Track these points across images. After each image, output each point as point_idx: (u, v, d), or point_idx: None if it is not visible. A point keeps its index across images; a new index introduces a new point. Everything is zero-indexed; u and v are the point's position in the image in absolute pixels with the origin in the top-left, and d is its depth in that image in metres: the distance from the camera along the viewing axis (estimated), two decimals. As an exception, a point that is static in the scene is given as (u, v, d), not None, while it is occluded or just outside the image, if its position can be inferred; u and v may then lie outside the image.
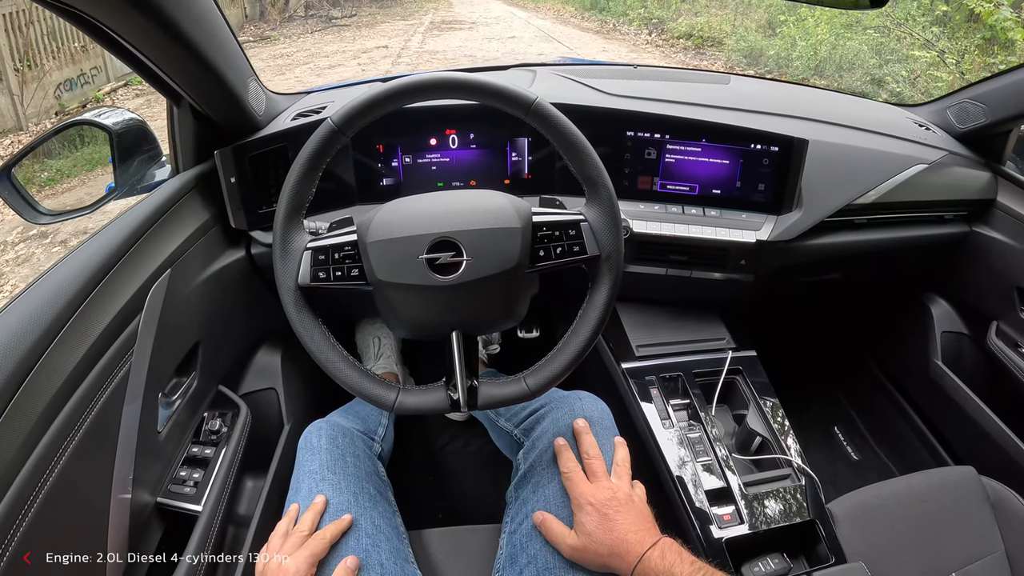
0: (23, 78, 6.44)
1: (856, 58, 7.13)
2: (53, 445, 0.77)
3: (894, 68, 6.69)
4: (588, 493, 0.90)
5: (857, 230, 1.38)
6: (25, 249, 4.16)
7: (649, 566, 0.81)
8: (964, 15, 6.16)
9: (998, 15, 5.05)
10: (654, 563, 0.81)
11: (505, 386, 0.87)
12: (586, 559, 0.87)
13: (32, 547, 0.73)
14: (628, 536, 0.84)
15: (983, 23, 5.39)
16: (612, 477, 0.94)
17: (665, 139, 1.27)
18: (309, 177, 0.85)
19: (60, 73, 7.04)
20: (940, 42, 6.25)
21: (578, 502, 0.90)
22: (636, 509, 0.89)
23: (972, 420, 1.49)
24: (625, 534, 0.84)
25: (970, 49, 5.92)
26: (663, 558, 0.81)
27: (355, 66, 9.21)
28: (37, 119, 6.55)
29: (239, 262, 1.24)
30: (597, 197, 0.87)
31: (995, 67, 5.46)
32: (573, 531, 0.89)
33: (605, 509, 0.87)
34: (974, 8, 5.31)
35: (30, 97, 6.51)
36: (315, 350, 0.85)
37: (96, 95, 7.39)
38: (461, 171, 1.31)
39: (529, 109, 0.85)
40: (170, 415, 1.06)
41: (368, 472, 1.07)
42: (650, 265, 1.32)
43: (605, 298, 0.87)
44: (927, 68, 6.31)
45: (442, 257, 0.81)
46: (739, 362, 1.32)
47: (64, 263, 0.89)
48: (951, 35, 6.32)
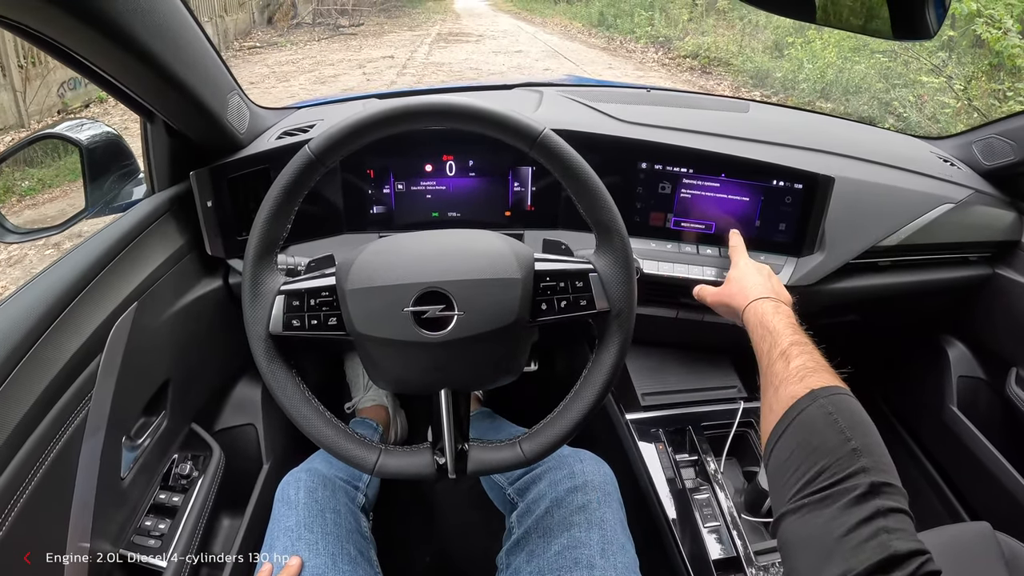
0: (26, 75, 6.42)
1: (863, 81, 7.12)
2: (5, 493, 0.71)
3: (901, 92, 6.68)
4: (747, 257, 1.10)
5: (880, 273, 1.31)
6: (18, 251, 4.09)
7: (759, 306, 0.94)
8: (970, 40, 6.14)
9: (1006, 41, 5.01)
10: (763, 306, 0.93)
11: (498, 451, 0.79)
12: (717, 298, 1.05)
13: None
14: (758, 286, 0.99)
15: (990, 49, 5.35)
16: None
17: (681, 172, 1.18)
18: (284, 212, 0.77)
19: (64, 71, 6.99)
20: (947, 67, 6.23)
21: (737, 260, 1.09)
22: (774, 282, 1.03)
23: (987, 470, 1.42)
24: (756, 283, 1.00)
25: (977, 75, 5.90)
26: (775, 306, 0.93)
27: (360, 75, 9.20)
28: (39, 116, 6.53)
29: (215, 292, 1.16)
30: (609, 245, 0.78)
31: (1001, 94, 5.45)
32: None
33: (756, 268, 1.05)
34: (981, 34, 5.27)
35: (33, 94, 6.49)
36: (287, 405, 0.77)
37: (100, 95, 7.32)
38: (458, 201, 1.22)
39: (535, 143, 0.76)
40: (136, 459, 0.98)
41: (349, 530, 1.00)
42: (660, 307, 1.25)
43: (614, 359, 0.78)
44: (935, 93, 6.29)
45: (430, 311, 0.72)
46: (750, 414, 1.24)
47: (21, 293, 0.81)
48: (958, 61, 6.31)
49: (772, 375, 0.79)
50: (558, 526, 0.93)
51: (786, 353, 0.80)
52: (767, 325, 0.88)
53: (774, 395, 0.75)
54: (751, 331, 0.92)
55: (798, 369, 0.76)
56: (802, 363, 0.77)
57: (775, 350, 0.82)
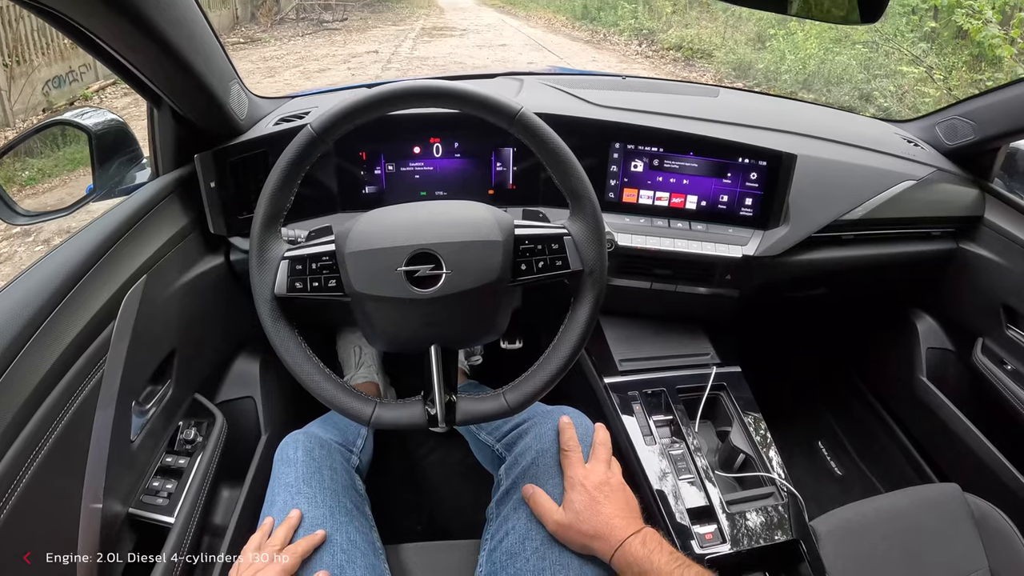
0: (11, 73, 6.39)
1: (845, 72, 7.19)
2: (23, 452, 0.75)
3: (882, 83, 6.75)
4: (582, 475, 0.93)
5: (844, 246, 1.37)
6: (8, 248, 4.11)
7: (630, 551, 0.83)
8: (952, 32, 6.23)
9: (986, 32, 5.09)
10: (635, 549, 0.83)
11: (484, 402, 0.85)
12: (569, 536, 0.89)
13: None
14: (614, 521, 0.87)
15: (971, 40, 5.44)
16: (591, 459, 0.97)
17: (652, 151, 1.26)
18: (288, 185, 0.84)
19: (49, 69, 6.99)
20: (928, 58, 6.31)
21: (571, 481, 0.92)
22: (625, 497, 0.92)
23: (956, 436, 1.49)
24: (611, 518, 0.87)
25: (958, 66, 5.99)
26: (644, 545, 0.83)
27: (345, 70, 9.20)
28: (24, 115, 6.49)
29: (217, 268, 1.22)
30: (581, 211, 0.85)
31: (983, 84, 5.52)
32: (561, 508, 0.91)
33: (596, 492, 0.90)
34: (962, 25, 5.36)
35: (18, 93, 6.46)
36: (291, 362, 0.83)
37: (84, 93, 7.31)
38: (445, 180, 1.30)
39: (514, 120, 0.83)
40: (144, 424, 1.04)
41: (345, 485, 1.05)
42: (635, 279, 1.31)
43: (587, 314, 0.85)
44: (915, 84, 6.37)
45: (421, 270, 0.79)
46: (723, 378, 1.30)
47: (37, 268, 0.87)
48: (939, 51, 6.39)
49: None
50: (544, 474, 0.98)
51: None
52: (648, 571, 0.82)
53: None
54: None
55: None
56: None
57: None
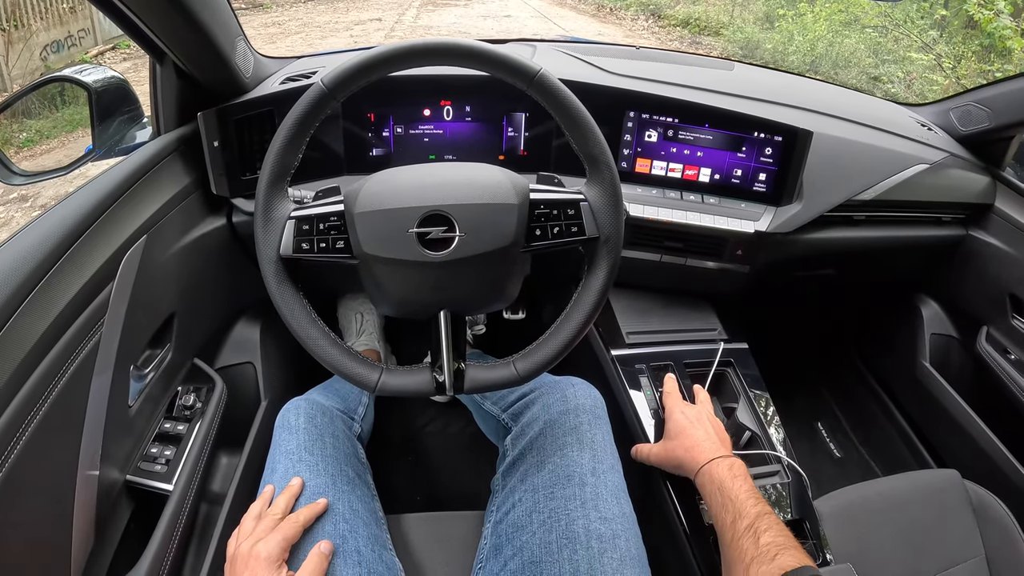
0: (9, 38, 6.30)
1: (853, 56, 7.11)
2: (17, 417, 0.73)
3: (890, 68, 6.69)
4: (681, 407, 1.07)
5: (855, 227, 1.36)
6: (4, 212, 4.07)
7: (715, 470, 0.91)
8: (962, 21, 6.16)
9: (997, 23, 5.01)
10: (720, 471, 0.91)
11: (493, 370, 0.84)
12: (663, 457, 1.03)
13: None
14: (705, 443, 0.97)
15: (981, 30, 5.36)
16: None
17: (667, 122, 1.23)
18: (296, 142, 0.81)
19: (47, 34, 6.89)
20: (937, 46, 6.24)
21: (672, 411, 1.07)
22: (716, 428, 1.03)
23: (957, 423, 1.48)
24: (703, 440, 0.98)
25: (967, 55, 5.92)
26: (730, 469, 0.90)
27: (347, 38, 9.10)
28: (22, 80, 6.39)
29: (219, 230, 1.19)
30: (599, 176, 0.83)
31: (991, 74, 5.47)
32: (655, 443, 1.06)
33: (694, 420, 1.03)
34: (973, 15, 5.27)
35: (15, 58, 6.37)
36: (295, 325, 0.81)
37: (83, 58, 7.21)
38: (454, 144, 1.27)
39: (532, 80, 0.81)
40: (142, 389, 1.02)
41: (347, 454, 1.04)
42: (645, 250, 1.29)
43: (602, 283, 0.83)
44: (924, 71, 6.31)
45: (433, 232, 0.76)
46: (730, 354, 1.29)
47: (33, 226, 0.84)
48: (948, 40, 6.32)
49: (739, 551, 0.79)
50: (551, 446, 0.97)
51: (754, 527, 0.80)
52: (727, 493, 0.86)
53: (744, 574, 0.76)
54: (707, 496, 0.91)
55: (768, 547, 0.76)
56: (771, 539, 0.77)
57: (740, 522, 0.82)
